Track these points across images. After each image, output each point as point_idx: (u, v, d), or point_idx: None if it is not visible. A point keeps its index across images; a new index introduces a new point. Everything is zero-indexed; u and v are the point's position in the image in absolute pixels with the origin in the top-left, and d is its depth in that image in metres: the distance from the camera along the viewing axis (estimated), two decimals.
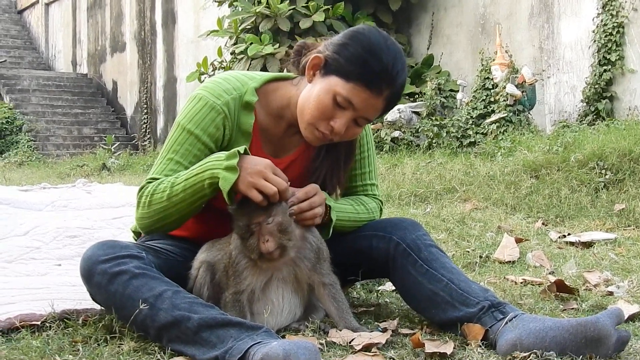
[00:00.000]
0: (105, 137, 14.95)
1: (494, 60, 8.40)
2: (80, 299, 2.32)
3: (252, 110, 2.28)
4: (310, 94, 2.21)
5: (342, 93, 2.15)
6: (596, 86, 7.91)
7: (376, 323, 2.28)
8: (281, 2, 9.67)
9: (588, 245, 3.63)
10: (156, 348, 1.97)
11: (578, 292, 2.59)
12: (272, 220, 2.04)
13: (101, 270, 2.03)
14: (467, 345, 2.01)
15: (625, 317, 2.23)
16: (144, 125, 16.06)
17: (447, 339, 2.07)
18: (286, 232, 2.06)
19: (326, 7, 9.74)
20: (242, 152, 2.08)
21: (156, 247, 2.31)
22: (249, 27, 10.15)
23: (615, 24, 7.85)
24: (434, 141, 8.22)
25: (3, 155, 14.48)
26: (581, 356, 1.86)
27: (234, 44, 10.31)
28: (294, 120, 2.30)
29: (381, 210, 2.57)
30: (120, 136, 16.43)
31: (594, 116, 7.85)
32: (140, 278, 2.02)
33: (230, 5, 10.86)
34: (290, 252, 2.10)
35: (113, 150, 13.43)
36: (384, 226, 2.39)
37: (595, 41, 8.00)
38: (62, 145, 15.62)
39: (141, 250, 2.15)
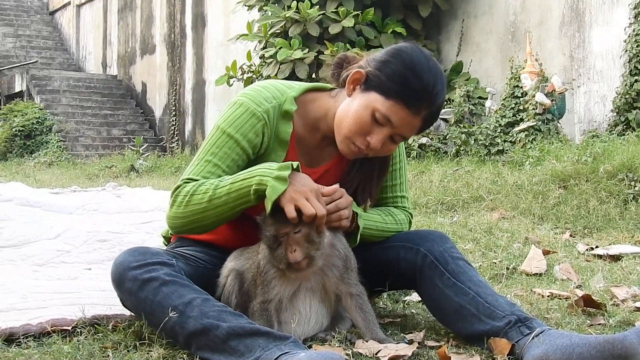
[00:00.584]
0: (134, 138, 15.10)
1: (523, 68, 8.37)
2: (110, 304, 2.36)
3: (291, 120, 2.31)
4: (349, 108, 2.24)
5: (381, 110, 2.17)
6: (627, 96, 7.81)
7: (402, 335, 2.29)
8: (311, 7, 9.71)
9: (616, 258, 3.61)
10: (185, 355, 2.00)
11: (605, 307, 2.58)
12: (300, 230, 2.06)
13: (132, 277, 2.07)
14: (494, 359, 2.01)
15: None
16: (172, 128, 16.16)
17: (474, 352, 2.08)
18: (313, 242, 2.08)
19: (356, 12, 9.76)
20: (295, 167, 2.09)
21: (186, 254, 2.35)
22: (278, 31, 10.20)
23: None
24: (461, 148, 8.21)
25: (33, 155, 14.65)
26: None
27: (263, 48, 10.35)
28: (330, 132, 2.32)
29: (410, 222, 2.59)
30: (149, 138, 16.56)
31: (624, 126, 7.75)
32: (170, 285, 2.05)
33: (260, 10, 10.92)
34: (318, 262, 2.11)
35: (141, 151, 13.52)
36: (412, 238, 2.40)
37: (626, 51, 7.91)
38: (91, 146, 15.77)
39: (171, 257, 2.18)
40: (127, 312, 2.24)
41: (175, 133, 16.09)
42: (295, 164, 2.10)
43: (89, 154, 14.96)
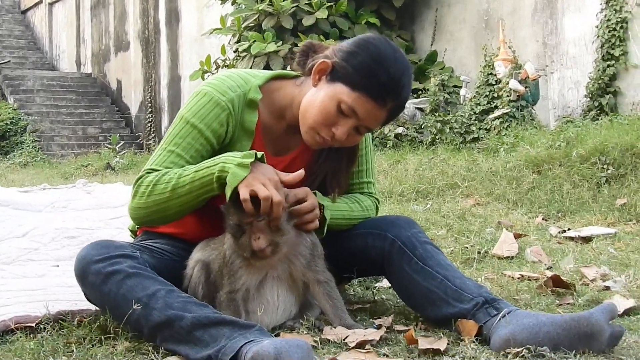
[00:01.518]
0: (110, 136, 14.99)
1: (497, 56, 8.40)
2: (76, 299, 2.33)
3: (256, 109, 2.29)
4: (315, 98, 2.22)
5: (347, 101, 2.16)
6: (600, 81, 7.88)
7: (371, 320, 2.28)
8: (284, 0, 9.67)
9: (587, 240, 3.63)
10: (150, 348, 1.98)
11: (574, 287, 2.59)
12: (263, 217, 2.04)
13: (95, 270, 2.05)
14: (461, 341, 2.01)
15: (620, 312, 2.24)
16: (149, 124, 16.08)
17: (441, 335, 2.08)
18: (278, 229, 2.07)
19: (329, 4, 9.74)
20: (259, 157, 2.08)
21: (152, 246, 2.33)
22: (252, 24, 10.17)
23: (618, 19, 7.82)
24: (437, 137, 8.22)
25: (8, 157, 14.51)
26: (574, 351, 1.87)
27: (237, 41, 10.31)
28: (295, 121, 2.30)
29: (377, 208, 2.58)
30: (125, 135, 16.46)
31: (598, 111, 7.82)
32: (134, 278, 2.03)
33: (233, 3, 10.86)
34: (283, 249, 2.10)
35: (118, 149, 13.46)
36: (380, 224, 2.39)
37: (598, 36, 7.97)
38: (66, 145, 15.65)
39: (135, 249, 2.17)
40: (93, 307, 2.22)
41: (152, 130, 16.01)
42: (259, 153, 2.09)
43: (64, 154, 14.84)
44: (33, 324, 2.18)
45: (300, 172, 2.14)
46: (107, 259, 2.06)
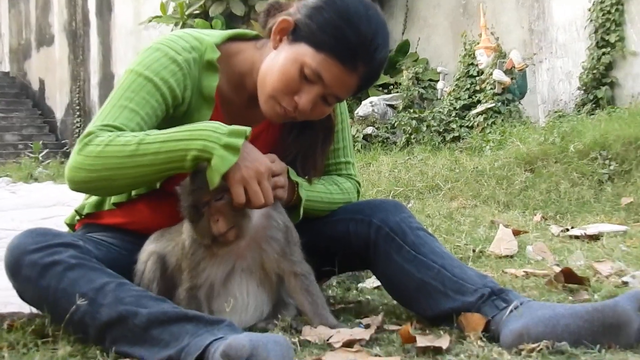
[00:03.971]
0: (32, 144, 14.77)
1: (478, 43, 8.45)
2: (4, 302, 2.24)
3: (216, 71, 2.22)
4: (275, 62, 2.16)
5: (311, 65, 2.10)
6: (594, 71, 7.94)
7: (357, 320, 2.23)
8: None
9: (595, 238, 3.62)
10: (97, 351, 1.90)
11: (589, 282, 2.57)
12: (222, 196, 1.97)
13: (30, 262, 1.97)
14: (466, 338, 1.97)
15: None
16: (77, 130, 15.94)
17: (442, 332, 2.04)
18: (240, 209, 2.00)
19: None
20: (248, 134, 1.99)
21: (96, 238, 2.25)
22: (197, 11, 10.17)
23: (613, 1, 7.90)
24: (412, 137, 8.23)
25: None
26: (599, 345, 1.82)
27: None
28: (256, 91, 2.24)
29: (359, 192, 2.54)
30: (49, 143, 16.26)
31: (593, 105, 7.86)
32: (78, 269, 1.95)
33: None
34: (248, 232, 2.04)
35: (41, 158, 13.27)
36: (363, 208, 2.35)
37: (591, 20, 8.04)
38: None
39: (77, 238, 2.09)
40: (27, 308, 2.12)
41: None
42: (247, 129, 1.99)
43: None
44: None
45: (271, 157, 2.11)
46: (45, 248, 1.98)
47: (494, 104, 7.87)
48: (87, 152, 2.01)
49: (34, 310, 2.08)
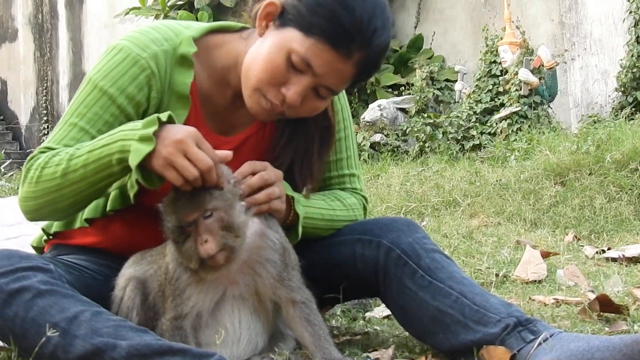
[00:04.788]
0: None
1: (501, 39, 8.47)
2: None
3: (191, 67, 2.24)
4: (259, 51, 2.18)
5: (299, 51, 2.11)
6: (634, 70, 7.95)
7: (365, 354, 2.25)
8: None
9: (635, 260, 3.64)
10: None
11: (628, 310, 2.58)
12: (211, 214, 1.99)
13: None
14: None
15: None
16: (44, 137, 15.94)
17: None
18: (231, 228, 2.01)
19: None
20: (164, 119, 2.00)
21: (66, 261, 2.27)
22: (181, 2, 10.18)
23: None
24: (426, 145, 8.25)
25: None
26: None
27: None
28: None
29: (365, 208, 2.56)
30: (12, 152, 16.24)
31: (633, 109, 7.87)
32: (48, 296, 1.97)
33: None
34: (241, 255, 2.05)
35: (3, 170, 13.29)
36: (370, 228, 2.36)
37: (631, 12, 8.06)
38: None
39: (47, 262, 2.11)
40: None
41: None
42: (165, 114, 2.00)
43: None
44: None
45: (227, 153, 2.05)
46: (11, 273, 2.00)
47: (519, 108, 7.90)
48: (29, 179, 2.12)
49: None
